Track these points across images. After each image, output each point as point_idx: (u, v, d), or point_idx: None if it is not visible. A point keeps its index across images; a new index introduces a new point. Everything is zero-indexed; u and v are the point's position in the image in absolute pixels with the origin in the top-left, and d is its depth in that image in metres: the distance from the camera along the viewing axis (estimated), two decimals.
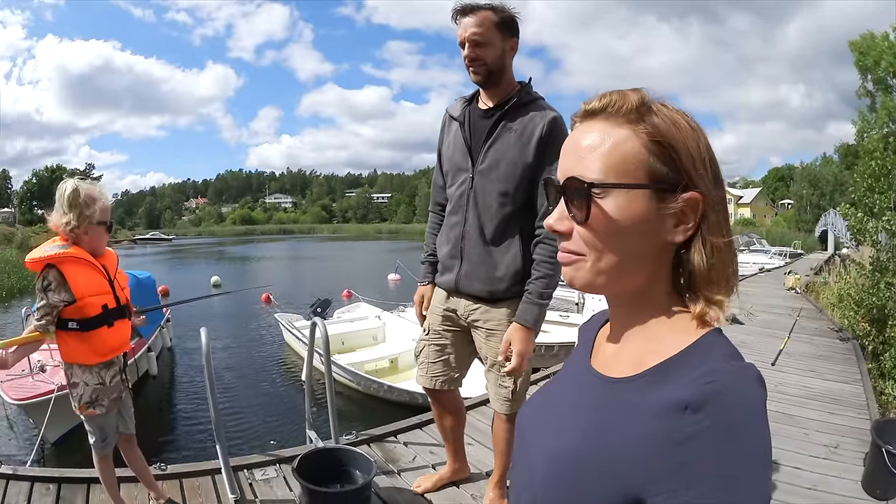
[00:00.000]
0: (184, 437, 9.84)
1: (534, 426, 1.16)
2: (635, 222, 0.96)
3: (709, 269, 0.97)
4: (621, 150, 0.97)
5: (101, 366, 3.51)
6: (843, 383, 7.70)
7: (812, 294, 18.31)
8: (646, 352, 0.99)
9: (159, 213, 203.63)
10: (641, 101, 0.98)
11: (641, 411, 0.90)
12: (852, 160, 43.51)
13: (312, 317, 14.67)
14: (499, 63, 3.23)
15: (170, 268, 47.32)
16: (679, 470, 0.80)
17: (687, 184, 0.96)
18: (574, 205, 0.99)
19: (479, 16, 3.12)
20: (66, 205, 3.34)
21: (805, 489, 4.43)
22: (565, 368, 1.27)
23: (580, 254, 1.00)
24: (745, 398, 0.84)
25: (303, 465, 3.69)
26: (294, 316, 16.08)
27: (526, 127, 3.23)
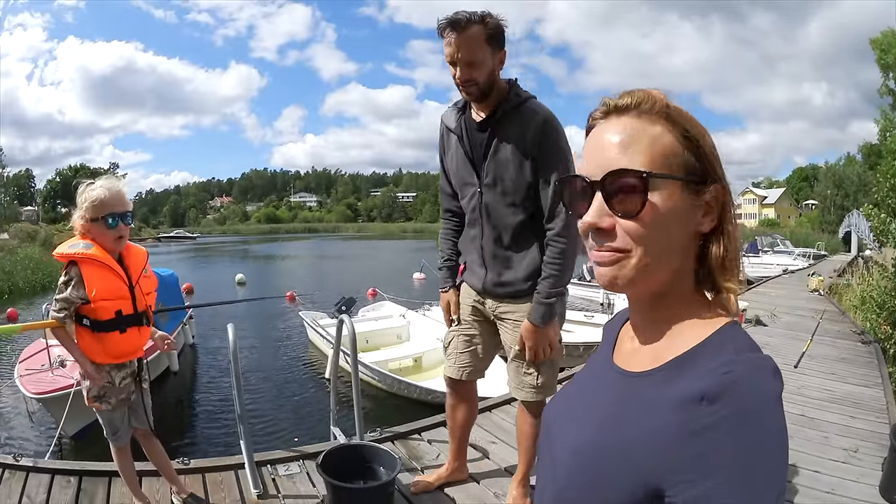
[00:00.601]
0: (206, 433, 9.88)
1: (559, 420, 1.20)
2: (677, 214, 1.00)
3: (724, 258, 1.03)
4: (661, 143, 1.00)
5: (111, 366, 3.55)
6: (864, 387, 7.62)
7: (835, 296, 18.07)
8: (664, 346, 1.03)
9: (184, 211, 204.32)
10: (667, 100, 1.03)
11: (659, 404, 0.92)
12: (875, 160, 42.92)
13: (337, 315, 14.68)
14: (490, 80, 3.23)
15: (194, 266, 47.33)
16: (696, 460, 0.83)
17: (712, 177, 1.02)
18: (619, 199, 0.99)
19: (469, 33, 3.09)
20: (77, 204, 3.43)
21: (824, 493, 4.40)
22: (589, 365, 1.30)
23: (625, 250, 1.00)
24: (760, 389, 0.86)
25: (327, 461, 3.72)
26: (319, 314, 16.03)
27: (520, 137, 3.26)
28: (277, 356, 15.15)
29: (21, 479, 4.20)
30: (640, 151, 0.99)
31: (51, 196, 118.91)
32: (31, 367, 8.81)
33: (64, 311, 3.34)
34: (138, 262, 3.66)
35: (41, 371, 8.72)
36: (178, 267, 41.98)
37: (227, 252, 71.02)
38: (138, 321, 3.57)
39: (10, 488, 4.10)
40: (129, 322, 3.51)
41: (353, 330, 4.65)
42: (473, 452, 4.75)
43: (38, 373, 8.69)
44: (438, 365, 11.34)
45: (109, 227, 3.41)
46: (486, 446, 4.99)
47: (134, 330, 3.55)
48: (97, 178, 3.54)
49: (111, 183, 3.47)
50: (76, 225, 3.45)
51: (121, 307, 3.47)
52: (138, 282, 3.59)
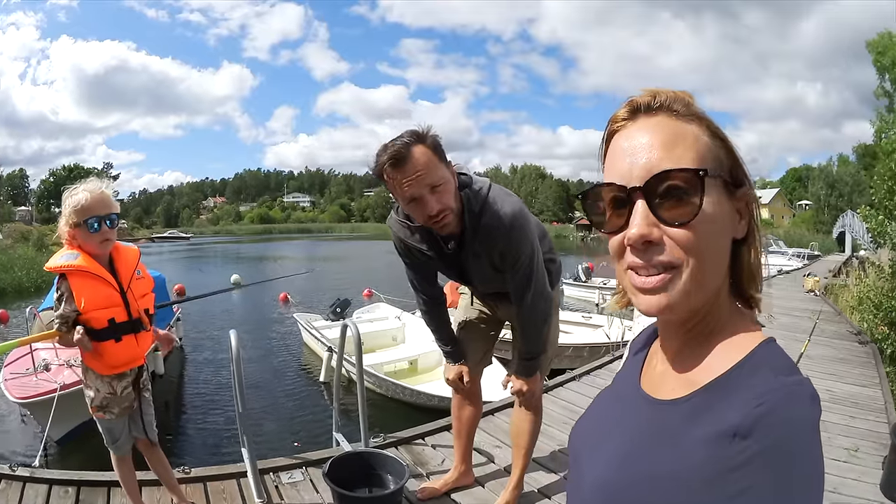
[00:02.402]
0: (198, 438, 9.84)
1: (586, 447, 1.14)
2: (725, 219, 0.94)
3: (753, 265, 0.99)
4: (701, 143, 0.95)
5: (112, 376, 3.50)
6: (863, 387, 7.67)
7: (831, 297, 18.22)
8: (697, 369, 0.98)
9: (177, 211, 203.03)
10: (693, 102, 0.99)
11: (691, 437, 0.88)
12: (870, 161, 43.11)
13: (332, 317, 14.69)
14: (457, 195, 3.01)
15: (187, 266, 47.25)
16: (726, 502, 0.79)
17: (742, 180, 0.97)
18: (669, 204, 0.91)
19: (419, 159, 2.80)
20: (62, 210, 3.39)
21: (826, 492, 4.24)
22: (615, 386, 1.24)
23: (676, 265, 0.92)
24: (792, 420, 0.81)
25: (333, 469, 3.68)
26: (313, 316, 16.03)
27: (489, 254, 3.18)
28: (272, 359, 15.10)
29: (18, 489, 4.15)
30: (687, 149, 0.93)
31: (44, 196, 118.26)
32: (16, 371, 8.74)
33: (64, 325, 3.30)
34: (129, 264, 3.59)
35: (25, 375, 8.66)
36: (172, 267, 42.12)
37: (220, 253, 70.78)
38: (134, 328, 3.50)
39: (7, 498, 4.05)
40: (125, 330, 3.45)
41: (358, 336, 4.65)
42: (478, 457, 4.76)
43: (22, 376, 8.63)
44: (434, 368, 11.39)
45: (92, 231, 3.33)
46: (491, 450, 5.00)
47: (130, 338, 3.49)
48: (84, 181, 3.48)
49: (94, 185, 3.41)
50: (62, 233, 3.40)
51: (113, 315, 3.40)
52: (130, 286, 3.52)
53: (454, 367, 3.84)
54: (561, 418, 5.80)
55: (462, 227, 3.10)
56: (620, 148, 0.98)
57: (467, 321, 3.96)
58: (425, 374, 11.57)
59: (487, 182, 3.21)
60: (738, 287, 1.02)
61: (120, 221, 3.56)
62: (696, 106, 0.99)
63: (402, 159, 2.78)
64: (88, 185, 3.40)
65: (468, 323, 3.95)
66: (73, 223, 3.33)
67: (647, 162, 0.93)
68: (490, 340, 3.97)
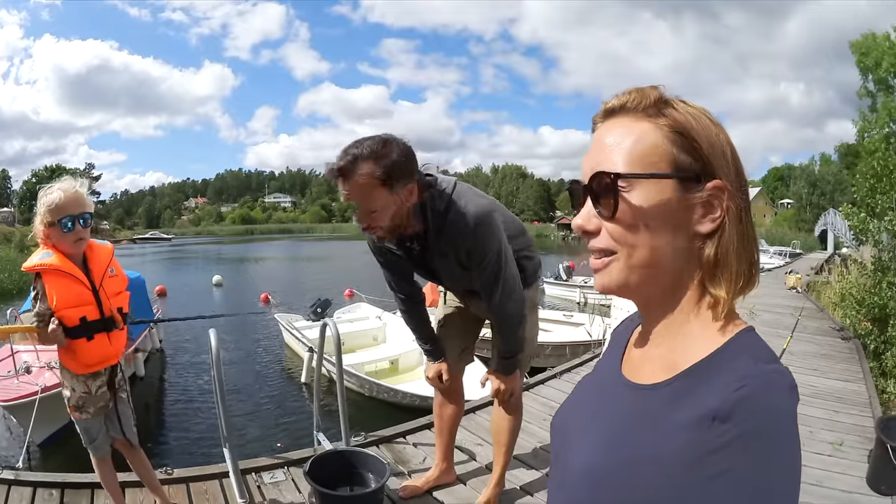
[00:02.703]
0: (180, 439, 9.84)
1: (568, 432, 1.16)
2: (663, 213, 0.96)
3: (731, 258, 0.97)
4: (643, 142, 0.98)
5: (86, 376, 3.48)
6: (846, 382, 7.73)
7: (813, 293, 18.35)
8: (677, 354, 0.99)
9: (159, 212, 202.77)
10: (659, 97, 1.00)
11: (671, 421, 0.89)
12: (852, 160, 43.61)
13: (313, 317, 14.67)
14: (397, 219, 2.98)
15: (169, 267, 47.42)
16: (707, 482, 0.81)
17: (711, 173, 0.97)
18: (601, 201, 0.99)
19: (360, 180, 2.80)
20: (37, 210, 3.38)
21: (811, 485, 4.44)
22: (596, 373, 1.27)
23: (609, 251, 1.00)
24: (773, 406, 0.83)
25: (314, 468, 3.67)
26: (294, 316, 16.06)
27: (455, 253, 3.16)
28: (253, 359, 15.11)
29: (3, 491, 4.11)
30: (620, 152, 0.99)
31: (27, 197, 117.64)
32: None
33: (41, 324, 3.27)
34: (102, 263, 3.56)
35: (7, 378, 8.63)
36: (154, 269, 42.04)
37: (202, 254, 70.77)
38: (106, 326, 3.47)
39: None
40: (96, 328, 3.42)
41: (337, 334, 4.59)
42: (460, 455, 4.75)
43: (3, 379, 8.60)
44: (415, 367, 11.41)
45: (65, 231, 3.31)
46: (473, 448, 5.00)
47: (102, 336, 3.46)
48: (58, 179, 3.45)
49: (68, 184, 3.38)
50: (37, 232, 3.38)
51: (85, 313, 3.38)
52: (102, 284, 3.49)
53: (434, 366, 3.84)
54: (542, 416, 5.80)
55: (426, 227, 3.10)
56: (590, 147, 1.07)
57: (447, 319, 3.94)
58: (406, 373, 11.60)
59: (453, 181, 3.19)
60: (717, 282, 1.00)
61: (102, 223, 3.53)
62: (661, 102, 1.01)
63: (343, 175, 2.83)
64: (62, 184, 3.38)
65: (448, 321, 3.94)
66: (47, 222, 3.31)
67: (593, 162, 1.03)
68: (470, 338, 3.95)
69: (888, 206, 10.72)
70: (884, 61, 37.21)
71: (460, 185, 3.18)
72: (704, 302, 1.01)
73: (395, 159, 2.81)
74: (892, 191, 10.89)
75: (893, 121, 37.65)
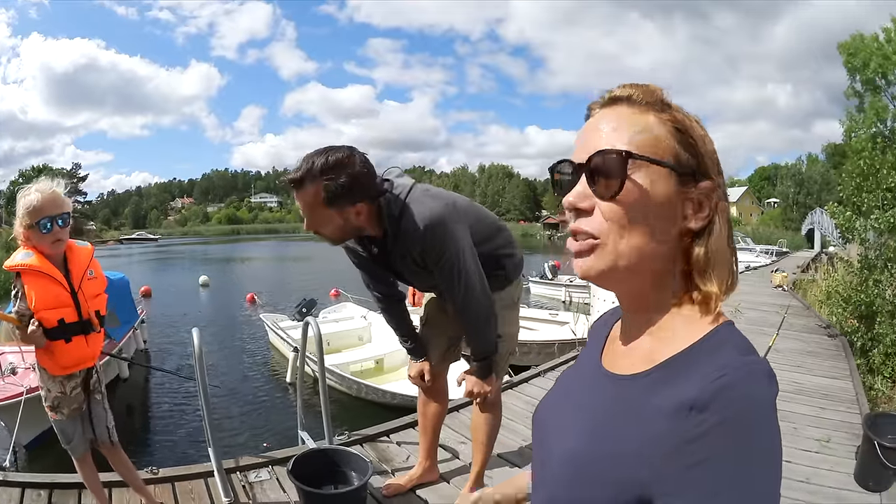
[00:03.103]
0: (165, 440, 9.82)
1: (550, 423, 1.17)
2: (661, 202, 0.97)
3: (706, 259, 0.98)
4: (650, 132, 0.98)
5: (62, 377, 3.48)
6: (833, 379, 7.73)
7: (799, 291, 18.41)
8: (657, 346, 1.00)
9: (145, 213, 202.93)
10: (663, 95, 1.02)
11: (649, 410, 0.90)
12: (839, 159, 43.96)
13: (297, 317, 14.70)
14: (344, 232, 3.06)
15: (155, 268, 47.39)
16: (686, 471, 0.81)
17: (704, 174, 0.99)
18: (601, 180, 0.98)
19: (306, 196, 2.89)
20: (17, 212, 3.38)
21: (798, 482, 4.46)
22: (577, 366, 1.27)
23: (597, 236, 0.99)
24: (752, 395, 0.83)
25: (297, 466, 3.66)
26: (279, 316, 16.07)
27: (412, 255, 3.16)
28: (239, 360, 15.12)
29: None
30: (627, 135, 0.98)
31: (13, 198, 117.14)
32: None
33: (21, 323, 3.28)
34: (81, 264, 3.57)
35: None
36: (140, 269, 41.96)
37: (188, 254, 70.75)
38: (83, 329, 3.49)
39: None
40: (74, 330, 3.44)
41: (319, 333, 4.60)
42: (443, 453, 4.75)
43: None
44: (401, 367, 11.42)
45: (44, 232, 3.32)
46: (456, 446, 4.99)
47: (80, 338, 3.47)
48: (36, 180, 3.47)
49: (45, 185, 3.40)
50: (17, 233, 3.41)
51: (63, 315, 3.40)
52: (80, 287, 3.50)
53: (416, 365, 3.84)
54: (525, 414, 5.76)
55: (384, 231, 3.12)
56: (582, 131, 1.07)
57: (430, 317, 3.93)
58: (391, 373, 11.61)
59: (409, 185, 3.18)
60: (702, 279, 1.01)
61: (89, 223, 3.52)
62: (666, 100, 1.03)
63: (292, 186, 2.94)
64: (39, 185, 3.40)
65: (431, 319, 3.92)
66: (26, 224, 3.33)
67: (592, 143, 1.01)
68: (454, 337, 3.90)
69: (874, 205, 10.82)
70: (871, 62, 37.75)
71: (415, 190, 3.16)
72: (689, 297, 1.01)
73: (344, 182, 2.85)
74: (878, 189, 10.97)
75: (881, 120, 38.18)
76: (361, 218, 3.00)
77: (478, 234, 3.30)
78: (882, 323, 9.80)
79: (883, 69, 37.63)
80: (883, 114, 38.40)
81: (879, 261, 10.48)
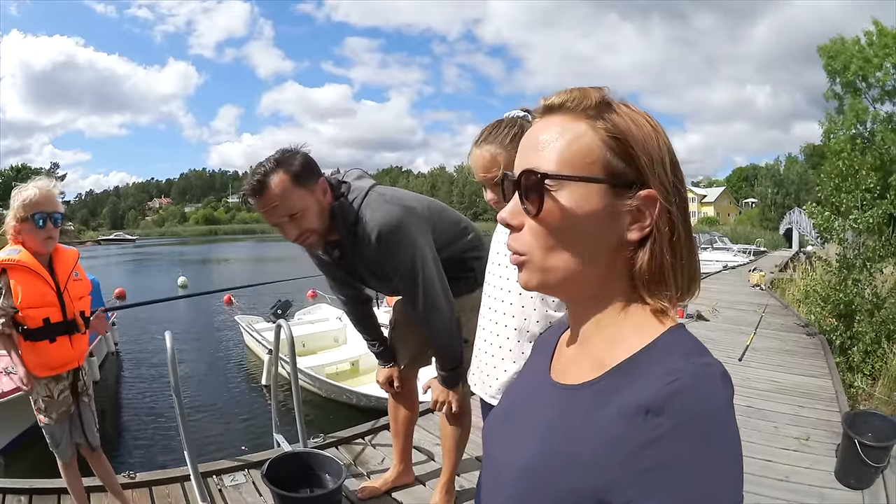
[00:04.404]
0: (139, 443, 9.74)
1: (498, 438, 1.15)
2: (589, 217, 0.94)
3: (662, 268, 0.95)
4: (578, 143, 0.95)
5: (48, 379, 3.44)
6: (811, 377, 7.78)
7: (777, 291, 18.54)
8: (606, 353, 0.97)
9: (123, 213, 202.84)
10: (602, 99, 0.97)
11: (602, 417, 0.88)
12: (818, 160, 44.46)
13: (272, 318, 14.57)
14: (323, 216, 2.97)
15: (133, 269, 47.23)
16: (641, 476, 0.79)
17: (644, 182, 0.94)
18: (528, 199, 0.96)
19: (275, 190, 2.79)
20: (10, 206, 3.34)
21: (777, 480, 4.48)
22: (522, 378, 1.27)
23: (523, 253, 0.99)
24: (707, 398, 0.82)
25: (272, 470, 3.61)
26: (254, 318, 15.97)
27: (368, 255, 3.10)
28: (214, 362, 15.05)
29: None
30: (552, 151, 0.96)
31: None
32: None
33: (2, 322, 3.24)
34: (67, 266, 3.56)
35: None
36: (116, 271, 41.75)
37: (166, 255, 70.39)
38: (68, 329, 3.46)
39: None
40: (59, 330, 3.42)
41: (291, 335, 4.58)
42: (419, 455, 4.74)
43: None
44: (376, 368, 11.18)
45: (37, 227, 3.32)
46: (430, 448, 4.97)
47: (65, 339, 3.45)
48: (34, 178, 3.50)
49: (43, 183, 3.42)
50: (8, 228, 3.39)
51: (48, 315, 3.38)
52: (66, 287, 3.48)
53: (384, 371, 3.85)
54: None
55: (342, 237, 3.09)
56: (521, 142, 1.04)
57: (398, 322, 3.86)
58: (367, 374, 11.53)
59: (365, 189, 3.12)
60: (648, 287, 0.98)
61: (67, 223, 3.49)
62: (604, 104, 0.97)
63: (257, 192, 2.82)
64: (38, 182, 3.43)
65: (399, 323, 3.85)
66: (20, 217, 3.33)
67: (524, 158, 1.00)
68: (424, 341, 3.74)
69: (853, 205, 10.91)
70: (852, 65, 38.44)
71: (372, 193, 3.09)
72: (634, 305, 0.99)
73: (300, 161, 2.87)
74: (857, 190, 11.05)
75: (860, 122, 38.60)
76: (328, 197, 2.97)
77: (442, 238, 3.25)
78: (861, 321, 9.93)
79: (863, 72, 38.23)
80: (863, 116, 39.08)
81: (858, 260, 10.62)
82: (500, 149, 2.38)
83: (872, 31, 38.17)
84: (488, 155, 2.40)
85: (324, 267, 3.50)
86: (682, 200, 0.97)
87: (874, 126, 39.32)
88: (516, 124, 2.40)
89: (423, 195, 3.51)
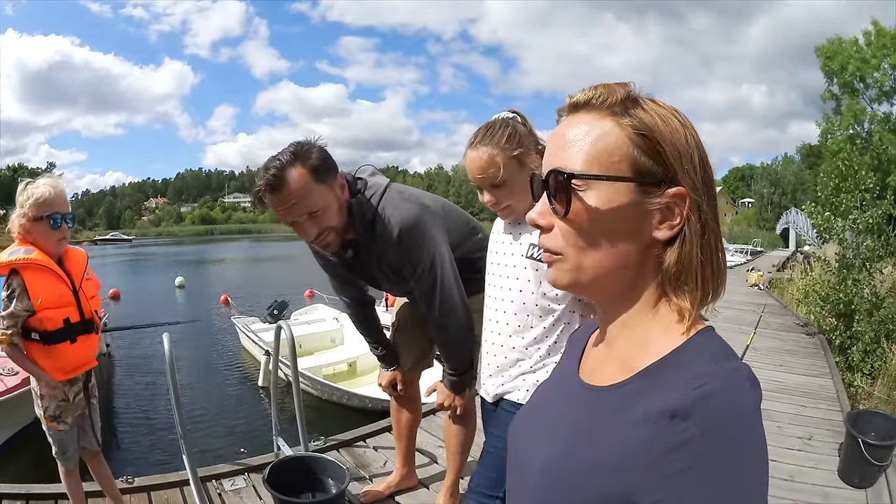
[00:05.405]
0: (136, 447, 9.58)
1: (525, 437, 1.14)
2: (618, 216, 0.93)
3: (691, 268, 0.93)
4: (604, 141, 0.94)
5: (64, 382, 3.33)
6: (812, 377, 7.79)
7: (776, 290, 18.55)
8: (635, 354, 0.96)
9: (119, 213, 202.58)
10: (627, 95, 0.96)
11: (629, 420, 0.87)
12: (814, 160, 44.54)
13: (269, 319, 14.52)
14: (343, 213, 2.85)
15: (129, 270, 47.23)
16: (667, 480, 0.78)
17: (673, 179, 0.93)
18: (556, 198, 0.96)
19: (292, 185, 2.64)
20: (17, 204, 3.21)
21: (782, 480, 4.47)
22: (554, 378, 1.25)
23: (557, 252, 0.98)
24: (735, 403, 0.81)
25: (273, 475, 3.53)
26: (251, 319, 15.89)
27: (388, 265, 3.06)
28: (210, 363, 14.93)
29: None
30: (579, 150, 0.95)
31: None
32: None
33: (12, 328, 3.10)
34: (79, 265, 3.44)
35: None
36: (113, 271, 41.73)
37: (162, 255, 70.47)
38: (86, 328, 3.37)
39: None
40: (79, 330, 3.31)
41: (292, 337, 4.50)
42: (421, 458, 4.69)
43: None
44: (374, 369, 11.11)
45: (53, 227, 3.19)
46: (434, 450, 4.92)
47: (84, 338, 3.36)
48: (42, 175, 3.36)
49: (55, 182, 3.28)
50: (14, 227, 3.23)
51: (68, 314, 3.26)
52: (81, 286, 3.38)
53: (387, 374, 3.77)
54: None
55: (357, 235, 2.99)
56: (548, 141, 1.04)
57: (401, 323, 3.80)
58: (364, 375, 11.50)
59: (382, 186, 3.04)
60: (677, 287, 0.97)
61: None
62: (630, 101, 0.96)
63: (275, 188, 2.65)
64: (48, 180, 3.29)
65: (402, 325, 3.79)
66: (32, 216, 3.17)
67: (551, 158, 0.99)
68: (427, 342, 3.76)
69: (852, 205, 10.91)
70: (849, 65, 38.57)
71: (390, 191, 3.02)
72: (663, 306, 0.98)
73: (318, 154, 2.72)
74: (856, 190, 11.04)
75: (858, 122, 38.67)
76: (346, 193, 2.85)
77: (453, 237, 3.19)
78: (861, 321, 9.94)
79: (861, 72, 38.35)
80: (861, 116, 39.11)
81: (857, 260, 10.61)
82: (496, 149, 2.36)
83: (871, 31, 38.26)
84: (486, 156, 2.37)
85: (329, 268, 3.42)
86: (711, 198, 0.95)
87: (872, 126, 39.51)
88: (509, 125, 2.39)
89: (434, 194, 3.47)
